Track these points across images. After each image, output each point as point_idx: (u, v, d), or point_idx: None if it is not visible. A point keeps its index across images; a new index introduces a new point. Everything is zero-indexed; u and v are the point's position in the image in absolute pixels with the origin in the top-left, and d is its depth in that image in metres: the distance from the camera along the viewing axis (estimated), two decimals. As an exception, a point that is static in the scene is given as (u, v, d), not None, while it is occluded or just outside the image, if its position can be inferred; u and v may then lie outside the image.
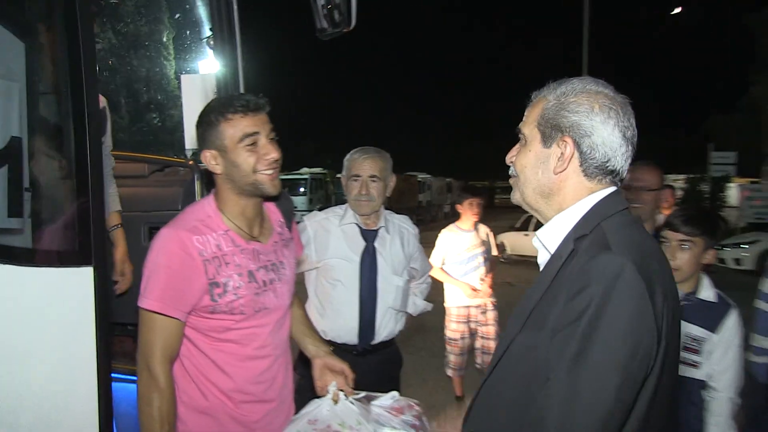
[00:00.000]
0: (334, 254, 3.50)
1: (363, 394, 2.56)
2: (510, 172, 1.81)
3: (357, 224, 3.53)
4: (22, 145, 2.02)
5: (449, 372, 6.57)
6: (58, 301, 2.08)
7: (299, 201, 29.95)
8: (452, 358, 6.49)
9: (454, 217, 6.68)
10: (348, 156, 3.59)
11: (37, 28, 2.22)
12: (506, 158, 1.83)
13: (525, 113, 1.78)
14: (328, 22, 3.22)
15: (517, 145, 1.79)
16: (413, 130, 72.68)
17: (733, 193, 21.74)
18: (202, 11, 3.38)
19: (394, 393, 2.62)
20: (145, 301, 2.20)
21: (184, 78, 3.46)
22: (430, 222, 39.26)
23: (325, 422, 2.35)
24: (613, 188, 1.68)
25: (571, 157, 1.65)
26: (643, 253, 1.55)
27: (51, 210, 2.22)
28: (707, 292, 2.99)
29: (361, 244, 3.52)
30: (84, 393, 2.20)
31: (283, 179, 2.34)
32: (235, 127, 2.22)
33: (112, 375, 3.35)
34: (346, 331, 3.49)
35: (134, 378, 3.28)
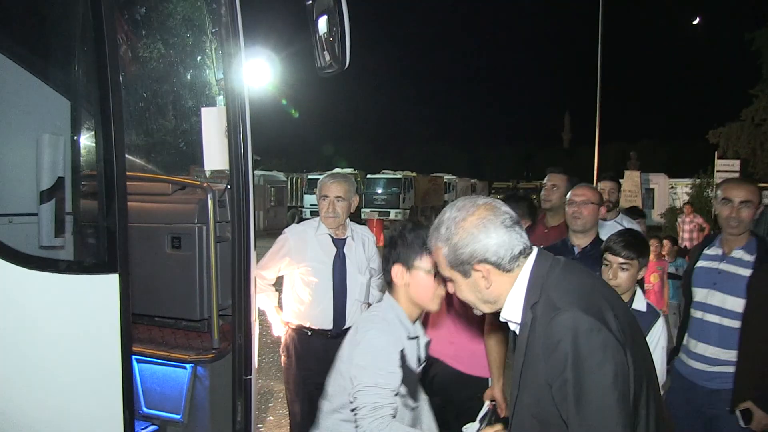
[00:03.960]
0: (312, 259, 4.03)
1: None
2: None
3: (329, 234, 4.05)
4: (65, 184, 2.42)
5: None
6: (89, 303, 2.40)
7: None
8: None
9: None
10: (320, 180, 4.13)
11: (78, 86, 2.61)
12: (451, 291, 2.15)
13: (435, 261, 2.09)
14: (325, 62, 3.57)
15: (450, 284, 2.08)
16: (440, 134, 72.61)
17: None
18: (215, 58, 3.76)
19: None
20: None
21: (204, 110, 3.84)
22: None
23: None
24: (534, 254, 1.97)
25: (489, 272, 1.94)
26: (583, 294, 1.85)
27: (86, 228, 2.58)
28: (639, 303, 3.29)
29: (333, 250, 4.06)
30: (108, 385, 2.47)
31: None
32: None
33: (141, 358, 3.78)
34: (323, 319, 4.02)
35: (158, 360, 3.71)
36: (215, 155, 3.76)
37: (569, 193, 4.07)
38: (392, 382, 2.43)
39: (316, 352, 4.01)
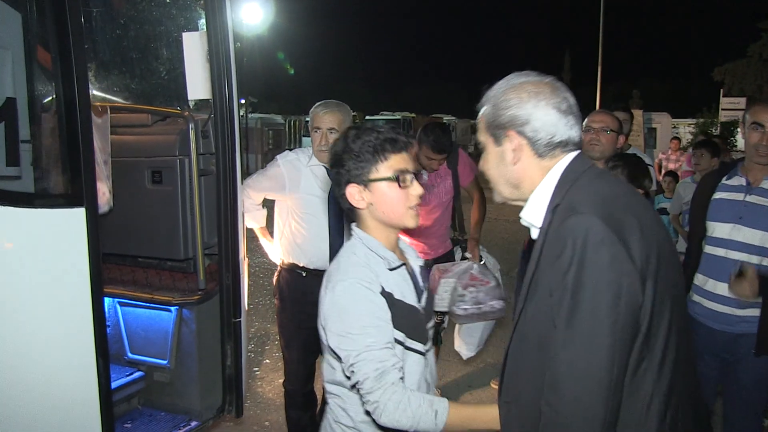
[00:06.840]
0: (305, 191, 3.70)
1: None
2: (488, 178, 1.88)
3: (324, 166, 3.70)
4: (16, 104, 2.13)
5: None
6: (54, 239, 2.18)
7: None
8: None
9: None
10: (312, 109, 3.76)
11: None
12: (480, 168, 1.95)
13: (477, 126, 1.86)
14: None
15: (483, 155, 1.86)
16: (439, 74, 71.46)
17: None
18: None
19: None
20: None
21: (186, 35, 3.53)
22: (454, 162, 39.09)
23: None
24: (574, 153, 1.73)
25: (521, 147, 1.72)
26: (609, 204, 1.60)
27: (46, 158, 2.30)
28: None
29: (329, 183, 3.69)
30: (78, 330, 2.30)
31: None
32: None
33: (124, 301, 3.57)
34: (319, 257, 3.69)
35: (142, 303, 3.50)
36: (199, 84, 3.48)
37: (586, 119, 3.80)
38: (383, 336, 2.00)
39: (311, 295, 3.76)
